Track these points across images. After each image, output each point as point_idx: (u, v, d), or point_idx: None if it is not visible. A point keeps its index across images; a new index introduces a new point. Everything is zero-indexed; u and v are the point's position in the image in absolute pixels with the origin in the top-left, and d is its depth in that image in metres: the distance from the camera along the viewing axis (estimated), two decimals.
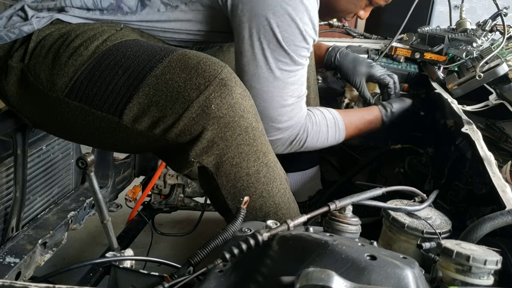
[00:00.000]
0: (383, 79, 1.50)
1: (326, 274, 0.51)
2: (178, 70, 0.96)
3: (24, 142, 1.20)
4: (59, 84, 1.02)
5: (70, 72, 1.01)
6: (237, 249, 0.67)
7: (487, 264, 0.63)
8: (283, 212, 1.06)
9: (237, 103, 0.95)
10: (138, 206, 1.70)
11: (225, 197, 1.02)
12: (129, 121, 0.98)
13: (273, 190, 1.03)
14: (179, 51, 0.99)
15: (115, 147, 1.13)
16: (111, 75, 0.99)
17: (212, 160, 0.97)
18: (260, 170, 1.00)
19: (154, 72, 0.96)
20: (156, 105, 0.96)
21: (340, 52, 1.55)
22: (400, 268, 0.57)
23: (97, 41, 1.03)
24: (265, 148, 1.02)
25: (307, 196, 1.56)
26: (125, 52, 1.01)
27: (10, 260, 1.16)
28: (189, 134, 0.95)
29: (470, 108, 1.37)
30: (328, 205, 0.79)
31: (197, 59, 0.97)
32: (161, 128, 0.96)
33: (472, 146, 1.07)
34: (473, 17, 1.82)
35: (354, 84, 1.53)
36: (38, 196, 1.35)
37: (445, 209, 1.13)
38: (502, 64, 1.36)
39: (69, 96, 1.01)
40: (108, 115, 0.99)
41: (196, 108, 0.94)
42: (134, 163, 1.81)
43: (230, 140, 0.96)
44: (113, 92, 0.98)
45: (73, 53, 1.02)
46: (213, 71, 0.95)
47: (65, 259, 1.80)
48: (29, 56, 1.05)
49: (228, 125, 0.95)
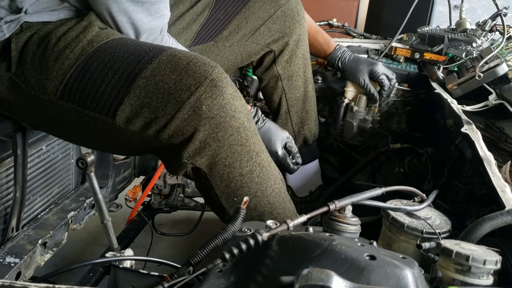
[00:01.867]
0: (381, 80, 1.54)
1: (326, 274, 0.51)
2: (168, 71, 0.96)
3: (24, 142, 1.20)
4: (50, 88, 1.01)
5: (59, 75, 1.01)
6: (237, 249, 0.68)
7: (486, 264, 0.63)
8: (278, 211, 1.06)
9: (228, 104, 0.95)
10: (138, 206, 1.70)
11: (219, 197, 1.03)
12: (122, 122, 0.98)
13: (267, 189, 1.04)
14: (168, 51, 0.99)
15: (113, 148, 1.13)
16: (101, 77, 0.99)
17: (205, 161, 0.98)
18: (253, 170, 1.01)
19: (144, 74, 0.96)
20: (148, 106, 0.96)
21: (344, 54, 1.59)
22: (399, 268, 0.57)
23: (82, 43, 1.02)
24: (257, 148, 1.02)
25: (307, 191, 1.56)
26: (113, 53, 1.00)
27: (10, 260, 1.16)
28: (182, 135, 0.96)
29: (470, 108, 1.37)
30: (328, 205, 0.79)
31: (187, 60, 0.96)
32: (154, 129, 0.97)
33: (471, 146, 1.07)
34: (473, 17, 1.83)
35: (359, 82, 1.56)
36: (38, 196, 1.35)
37: (445, 209, 1.13)
38: (501, 64, 1.36)
39: (62, 98, 1.01)
40: (102, 116, 0.99)
41: (187, 109, 0.94)
42: (134, 163, 1.81)
43: (222, 141, 0.96)
44: (105, 94, 0.98)
45: (58, 57, 1.01)
46: (204, 72, 0.95)
47: (65, 259, 1.80)
48: (15, 65, 1.04)
49: (220, 126, 0.95)
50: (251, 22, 1.45)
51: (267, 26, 1.46)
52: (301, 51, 1.51)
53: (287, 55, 1.49)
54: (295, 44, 1.49)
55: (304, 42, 1.51)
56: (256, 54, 1.50)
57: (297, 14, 1.48)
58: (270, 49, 1.49)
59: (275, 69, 1.51)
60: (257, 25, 1.46)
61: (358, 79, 1.56)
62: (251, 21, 1.45)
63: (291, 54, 1.50)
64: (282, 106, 1.54)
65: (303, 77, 1.52)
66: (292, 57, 1.50)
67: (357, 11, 3.58)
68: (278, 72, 1.51)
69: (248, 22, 1.45)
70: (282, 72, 1.51)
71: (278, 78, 1.51)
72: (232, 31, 1.44)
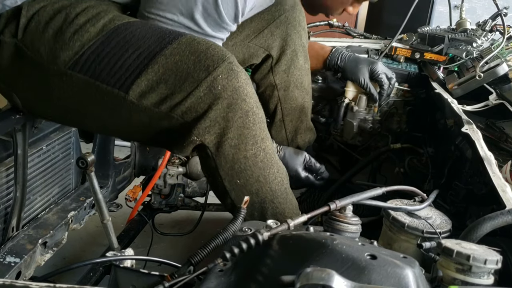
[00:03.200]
0: (380, 79, 1.54)
1: (327, 274, 0.51)
2: (188, 52, 1.00)
3: (24, 142, 1.20)
4: (62, 58, 1.03)
5: (75, 46, 1.03)
6: (238, 249, 0.68)
7: (487, 264, 0.63)
8: (279, 200, 1.08)
9: (241, 87, 1.00)
10: (138, 206, 1.70)
11: (223, 178, 1.05)
12: (135, 97, 1.00)
13: (270, 176, 1.06)
14: (188, 35, 1.03)
15: (114, 127, 1.13)
16: (121, 52, 1.02)
17: (213, 140, 1.01)
18: (257, 154, 1.04)
19: (164, 52, 1.00)
20: (165, 82, 1.00)
21: (343, 54, 1.58)
22: (400, 268, 0.57)
23: (104, 20, 1.05)
24: (263, 134, 1.05)
25: (299, 192, 1.57)
26: (134, 32, 1.03)
27: (11, 260, 1.16)
28: (195, 112, 0.99)
29: (470, 108, 1.37)
30: (328, 204, 0.79)
31: (206, 45, 1.01)
32: (168, 104, 1.00)
33: (472, 146, 1.07)
34: (473, 17, 1.83)
35: (359, 83, 1.56)
36: (38, 196, 1.35)
37: (445, 208, 1.13)
38: (502, 64, 1.36)
39: (73, 68, 1.02)
40: (114, 89, 1.01)
41: (204, 88, 0.98)
42: (134, 163, 1.81)
43: (232, 121, 1.00)
44: (122, 68, 1.01)
45: (78, 29, 1.03)
46: (222, 55, 0.99)
47: (65, 259, 1.80)
48: (22, 31, 1.05)
49: (231, 106, 0.99)
50: (255, 22, 1.45)
51: (270, 29, 1.46)
52: (299, 62, 1.50)
53: (285, 65, 1.49)
54: (294, 54, 1.49)
55: (302, 53, 1.50)
56: (257, 57, 1.50)
57: (299, 25, 1.48)
58: (269, 53, 1.49)
59: (272, 78, 1.51)
60: (261, 27, 1.46)
61: (358, 78, 1.55)
62: (255, 21, 1.45)
63: (289, 65, 1.49)
64: (277, 115, 1.54)
65: (300, 88, 1.52)
66: (290, 67, 1.50)
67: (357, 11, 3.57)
68: (275, 81, 1.51)
69: (253, 22, 1.45)
70: (278, 82, 1.51)
71: (274, 88, 1.52)
72: (236, 30, 1.44)
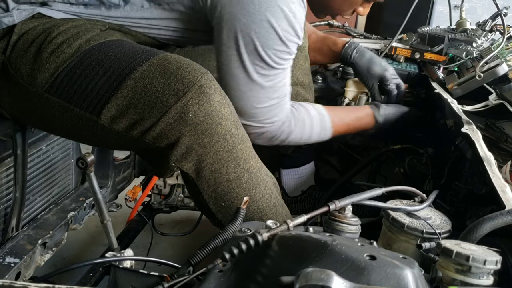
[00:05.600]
0: (390, 90, 1.47)
1: (326, 274, 0.51)
2: (157, 74, 0.96)
3: (24, 142, 1.20)
4: (39, 79, 1.02)
5: (51, 68, 1.01)
6: (237, 249, 0.67)
7: (486, 264, 0.63)
8: (268, 217, 1.05)
9: (215, 111, 0.96)
10: (138, 206, 1.70)
11: (207, 201, 1.04)
12: (106, 121, 0.99)
13: (256, 195, 1.04)
14: (160, 55, 1.00)
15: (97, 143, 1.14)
16: (92, 74, 1.00)
17: (191, 166, 0.99)
18: (241, 176, 1.01)
19: (133, 75, 0.97)
20: (134, 107, 0.97)
21: (357, 50, 1.50)
22: (399, 268, 0.57)
23: (80, 40, 1.03)
24: (245, 154, 1.02)
25: (300, 191, 1.56)
26: (106, 53, 1.01)
27: (10, 260, 1.16)
28: (166, 139, 0.97)
29: (470, 108, 1.36)
30: (328, 205, 0.79)
31: (177, 65, 0.97)
32: (138, 130, 0.98)
33: (472, 146, 1.07)
34: (473, 17, 1.82)
35: (367, 85, 1.50)
36: (38, 196, 1.35)
37: (445, 209, 1.13)
38: (502, 64, 1.36)
39: (49, 91, 1.02)
40: (86, 113, 1.00)
41: (173, 114, 0.95)
42: (134, 163, 1.81)
43: (208, 147, 0.97)
44: (93, 92, 0.99)
45: (55, 50, 1.02)
46: (193, 77, 0.95)
47: (65, 259, 1.80)
48: (11, 49, 1.05)
49: (205, 132, 0.96)
50: None
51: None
52: (299, 61, 1.47)
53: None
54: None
55: (302, 53, 1.47)
56: None
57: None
58: None
59: None
60: None
61: (367, 82, 1.49)
62: None
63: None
64: None
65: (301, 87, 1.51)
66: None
67: None
68: None
69: None
70: None
71: None
72: None
